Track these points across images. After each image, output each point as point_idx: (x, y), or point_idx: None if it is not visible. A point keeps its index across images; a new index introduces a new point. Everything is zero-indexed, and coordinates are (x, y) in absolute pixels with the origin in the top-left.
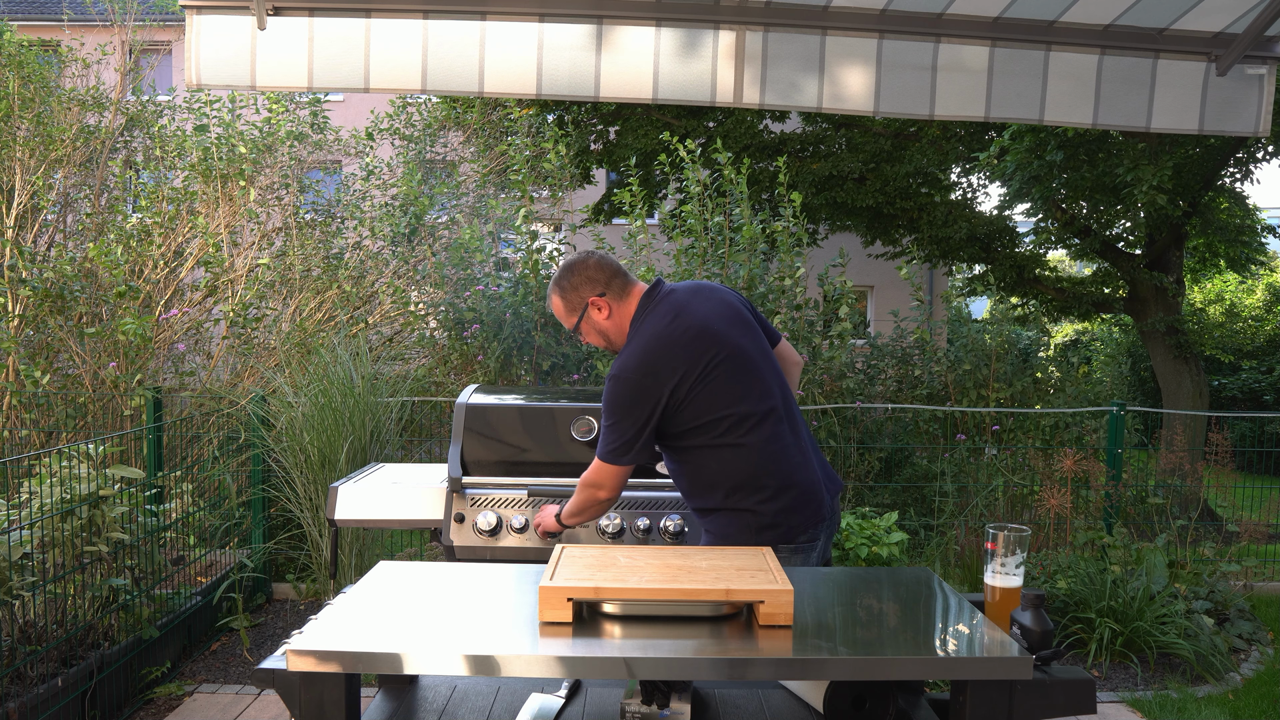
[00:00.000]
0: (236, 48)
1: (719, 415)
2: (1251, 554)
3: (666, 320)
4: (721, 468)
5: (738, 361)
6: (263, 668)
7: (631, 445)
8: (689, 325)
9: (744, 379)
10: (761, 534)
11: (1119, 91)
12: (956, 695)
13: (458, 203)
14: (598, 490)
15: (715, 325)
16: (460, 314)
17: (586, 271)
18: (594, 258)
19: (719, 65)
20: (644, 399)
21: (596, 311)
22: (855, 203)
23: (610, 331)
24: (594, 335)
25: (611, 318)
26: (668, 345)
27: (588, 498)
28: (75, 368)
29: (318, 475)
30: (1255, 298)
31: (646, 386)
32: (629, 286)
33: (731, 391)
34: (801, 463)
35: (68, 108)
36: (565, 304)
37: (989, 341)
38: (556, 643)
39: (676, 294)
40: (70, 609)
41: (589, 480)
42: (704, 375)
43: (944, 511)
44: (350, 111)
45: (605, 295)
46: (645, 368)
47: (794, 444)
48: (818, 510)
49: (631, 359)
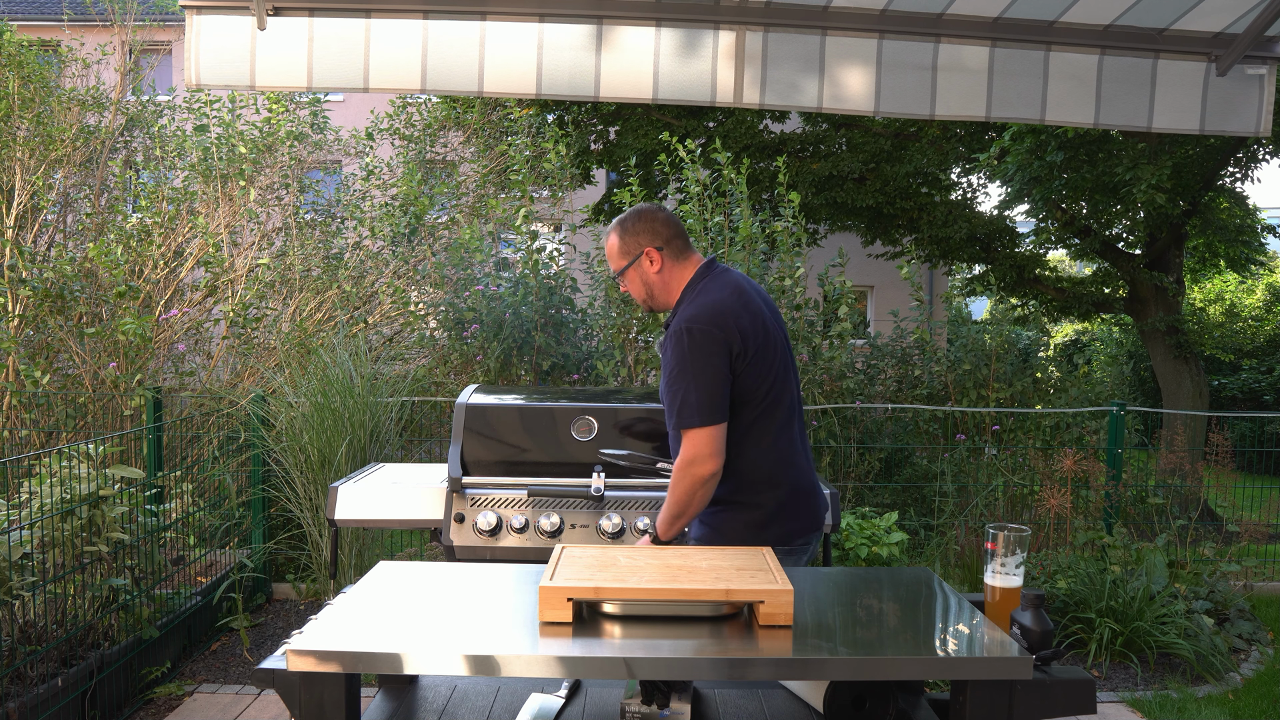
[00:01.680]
0: (236, 48)
1: (757, 399)
2: (1251, 554)
3: (730, 291)
4: (739, 458)
5: (780, 353)
6: (263, 668)
7: (713, 400)
8: (749, 303)
9: (783, 372)
10: (760, 532)
11: (1120, 91)
12: (956, 695)
13: (458, 203)
14: (697, 466)
15: (765, 313)
16: (460, 314)
17: (654, 222)
18: (664, 213)
19: (719, 65)
20: (716, 349)
21: (649, 263)
22: (855, 203)
23: (656, 286)
24: (637, 285)
25: (661, 273)
26: (734, 309)
27: (690, 480)
28: (75, 368)
29: (317, 475)
30: (1255, 298)
31: (717, 337)
32: (687, 252)
33: (772, 379)
34: (807, 467)
35: (68, 108)
36: (622, 245)
37: (989, 342)
38: (556, 643)
39: (732, 275)
40: (70, 609)
41: (685, 460)
42: (757, 354)
43: (944, 511)
44: (350, 111)
45: (663, 250)
46: (716, 320)
47: (802, 447)
48: (818, 515)
49: (702, 311)
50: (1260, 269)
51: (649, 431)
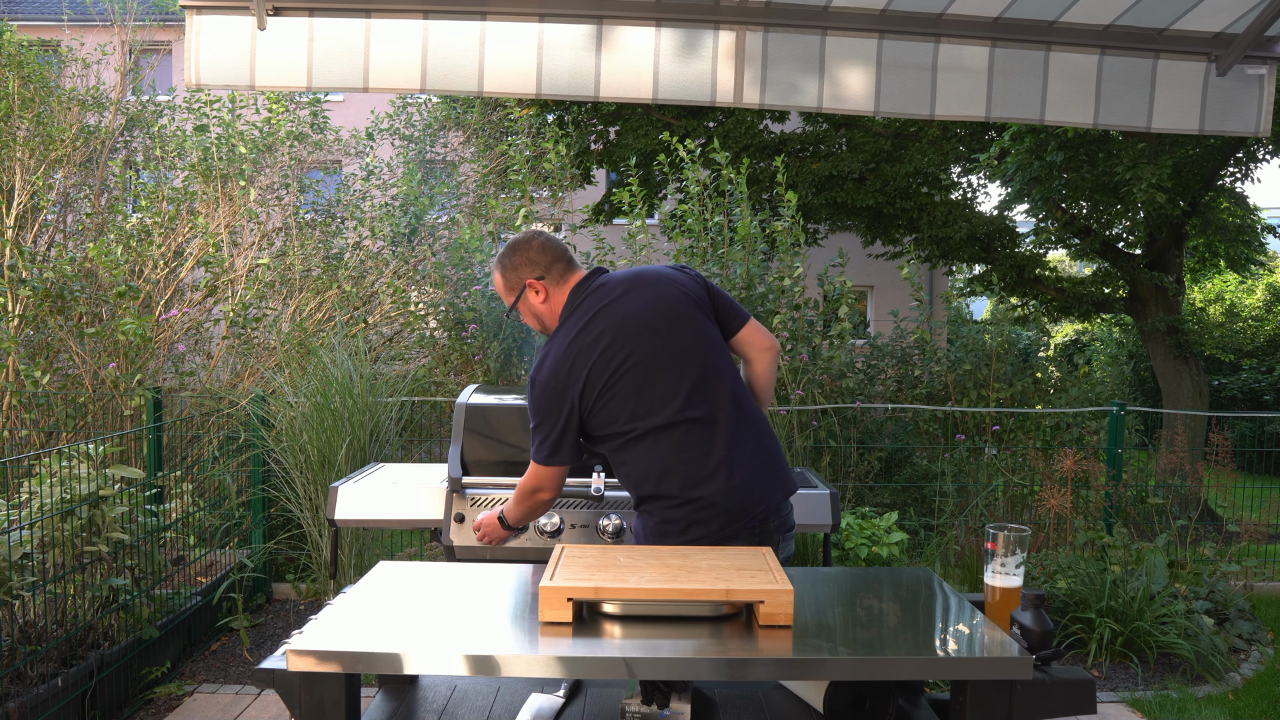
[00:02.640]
0: (236, 48)
1: (621, 426)
2: (1251, 554)
3: (584, 322)
4: (629, 473)
5: (649, 367)
6: (263, 668)
7: (556, 446)
8: (604, 327)
9: (651, 388)
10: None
11: (1119, 91)
12: (956, 695)
13: (458, 203)
14: (538, 493)
15: (630, 328)
16: (460, 314)
17: (529, 253)
18: (539, 239)
19: (719, 65)
20: (556, 402)
21: (533, 294)
22: (855, 203)
23: (544, 316)
24: (529, 317)
25: (547, 302)
26: (575, 353)
27: (530, 502)
28: (75, 368)
29: (317, 475)
30: (1255, 298)
31: (557, 390)
32: (569, 274)
33: (634, 403)
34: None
35: (68, 108)
36: (505, 282)
37: (989, 341)
38: (556, 643)
39: (605, 288)
40: (70, 609)
41: (527, 485)
42: (612, 381)
43: (944, 511)
44: (350, 111)
45: (544, 279)
46: (556, 370)
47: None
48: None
49: (547, 361)
50: (1260, 269)
51: None
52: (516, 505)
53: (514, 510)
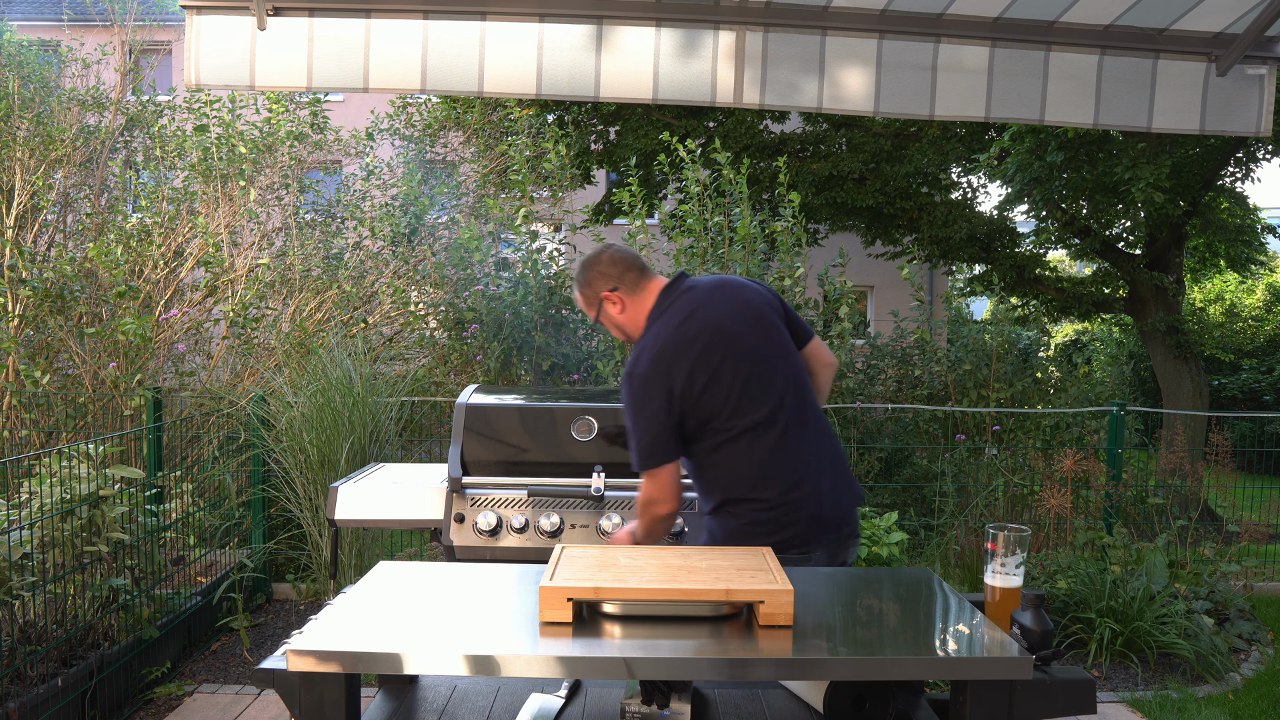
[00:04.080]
0: (236, 48)
1: (720, 423)
2: (1251, 554)
3: (678, 320)
4: (718, 474)
5: (746, 366)
6: (263, 668)
7: (654, 443)
8: (700, 327)
9: (752, 385)
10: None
11: (1119, 91)
12: (956, 695)
13: (458, 203)
14: (653, 506)
15: (728, 327)
16: (460, 314)
17: (599, 266)
18: (608, 252)
19: (719, 65)
20: (657, 395)
21: (611, 306)
22: (855, 203)
23: (626, 325)
24: (613, 328)
25: (625, 312)
26: (675, 346)
27: (649, 518)
28: (75, 368)
29: (318, 475)
30: (1255, 298)
31: (657, 383)
32: (644, 281)
33: (734, 399)
34: (804, 474)
35: (68, 108)
36: (583, 298)
37: (989, 341)
38: (556, 643)
39: (695, 291)
40: (70, 609)
41: (642, 500)
42: (712, 379)
43: (944, 511)
44: (350, 111)
45: (618, 290)
46: (652, 365)
47: (798, 453)
48: (812, 524)
49: (641, 356)
50: (1260, 269)
51: None
52: (640, 528)
53: (639, 533)
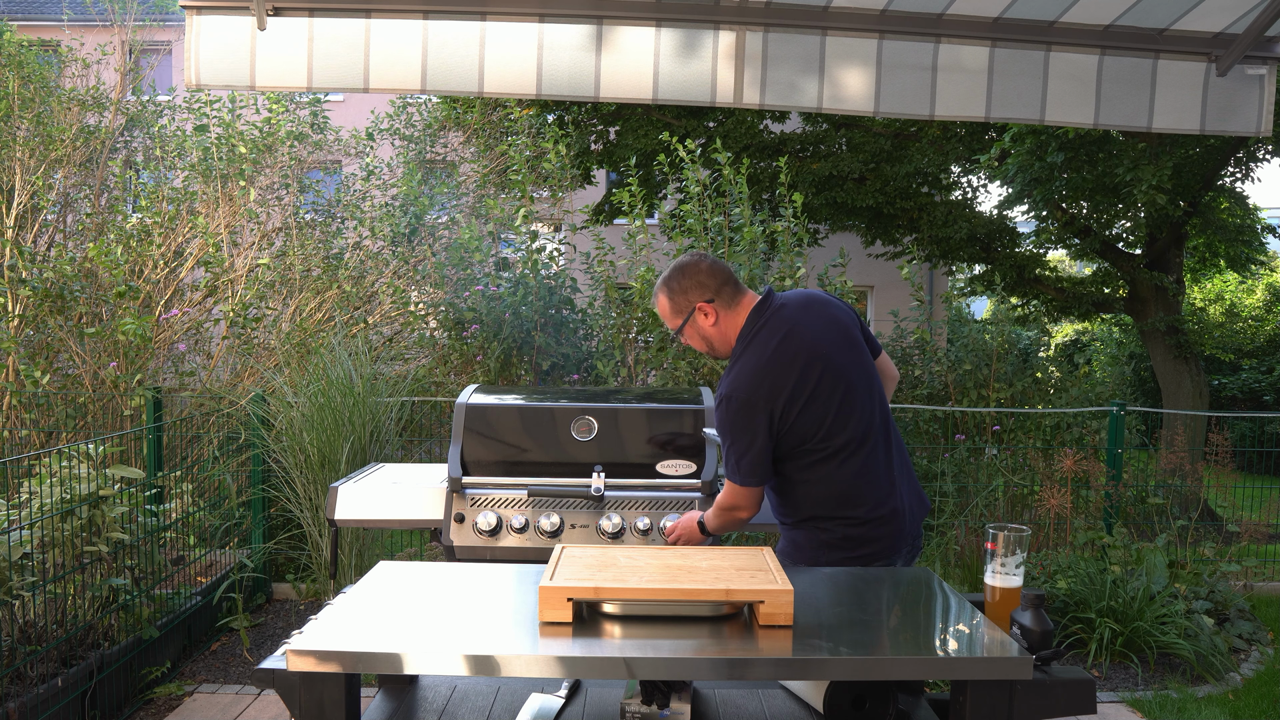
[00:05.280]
0: (236, 48)
1: (814, 444)
2: (1251, 554)
3: (777, 339)
4: (808, 491)
5: (841, 385)
6: (263, 668)
7: (754, 465)
8: (799, 347)
9: (845, 404)
10: (832, 552)
11: (1120, 92)
12: (956, 695)
13: (458, 203)
14: (736, 512)
15: (823, 346)
16: (460, 314)
17: (698, 275)
18: (706, 261)
19: (719, 65)
20: (754, 417)
21: (703, 317)
22: (855, 203)
23: (715, 339)
24: (697, 340)
25: (718, 325)
26: (776, 366)
27: (729, 519)
28: (75, 368)
29: (318, 475)
30: (1255, 298)
31: (756, 405)
32: (739, 295)
33: (830, 420)
34: (890, 490)
35: (68, 108)
36: (672, 305)
37: (989, 341)
38: (556, 643)
39: (787, 309)
40: (70, 609)
41: (726, 503)
42: (810, 398)
43: (944, 511)
44: (350, 111)
45: (714, 302)
46: (754, 386)
47: (885, 469)
48: (896, 538)
49: (741, 378)
50: (1260, 269)
51: (649, 432)
52: (717, 517)
53: (714, 521)
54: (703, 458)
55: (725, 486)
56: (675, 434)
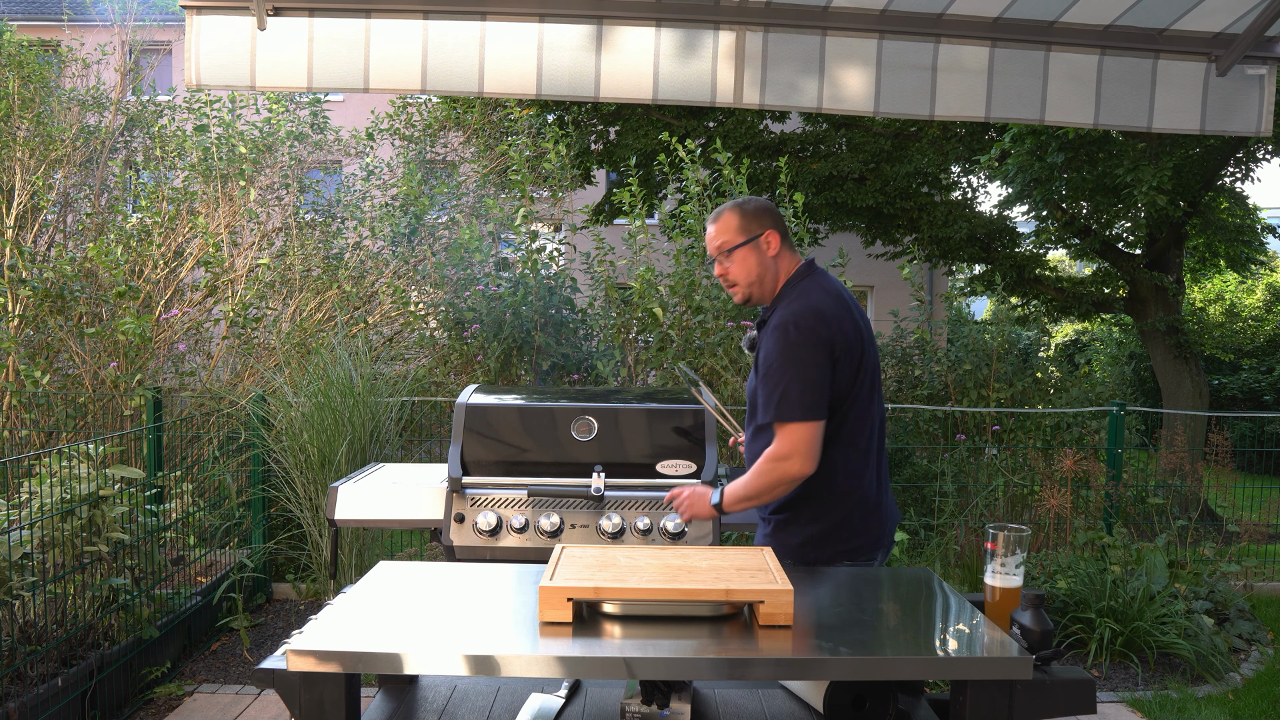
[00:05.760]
0: (236, 48)
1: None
2: (1251, 554)
3: (832, 296)
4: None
5: (869, 369)
6: (263, 668)
7: (817, 396)
8: (850, 311)
9: (869, 387)
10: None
11: (1120, 92)
12: (956, 695)
13: (458, 203)
14: (788, 463)
15: (861, 323)
16: (460, 314)
17: (774, 210)
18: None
19: (719, 66)
20: (817, 347)
21: (767, 245)
22: (855, 203)
23: (764, 273)
24: (748, 267)
25: (776, 258)
26: (838, 314)
27: (777, 475)
28: (75, 368)
29: (318, 475)
30: (1255, 298)
31: (823, 335)
32: (792, 248)
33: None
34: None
35: (68, 108)
36: (741, 222)
37: (989, 341)
38: (556, 643)
39: (834, 280)
40: (70, 609)
41: (777, 453)
42: (849, 363)
43: (944, 511)
44: (350, 111)
45: (782, 238)
46: (817, 318)
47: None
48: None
49: (807, 308)
50: (1260, 269)
51: (650, 432)
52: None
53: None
54: (703, 458)
55: (780, 436)
56: (675, 434)
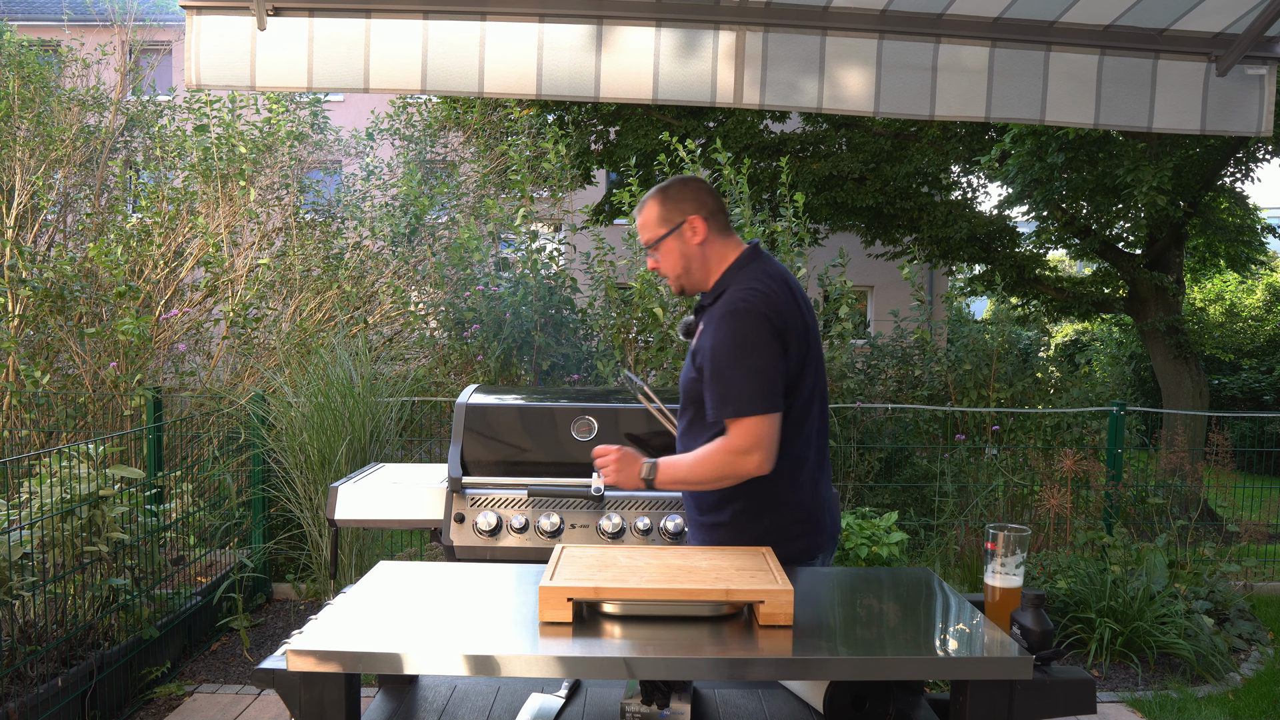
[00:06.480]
0: (236, 48)
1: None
2: (1251, 554)
3: (780, 282)
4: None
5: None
6: (263, 668)
7: (767, 386)
8: (795, 299)
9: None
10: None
11: (1120, 92)
12: (956, 695)
13: (458, 203)
14: (746, 458)
15: (806, 313)
16: (460, 314)
17: (699, 191)
18: (705, 183)
19: (719, 66)
20: (773, 330)
21: (691, 232)
22: (855, 203)
23: (695, 260)
24: (674, 258)
25: (704, 245)
26: (781, 296)
27: (731, 467)
28: (75, 368)
29: (318, 475)
30: (1255, 298)
31: (773, 319)
32: (729, 230)
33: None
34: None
35: (68, 108)
36: (662, 212)
37: (989, 341)
38: (556, 643)
39: (780, 266)
40: (70, 609)
41: (736, 446)
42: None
43: (944, 511)
44: (350, 111)
45: (708, 222)
46: (770, 301)
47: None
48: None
49: (755, 292)
50: (1260, 269)
51: (650, 432)
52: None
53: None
54: None
55: (735, 429)
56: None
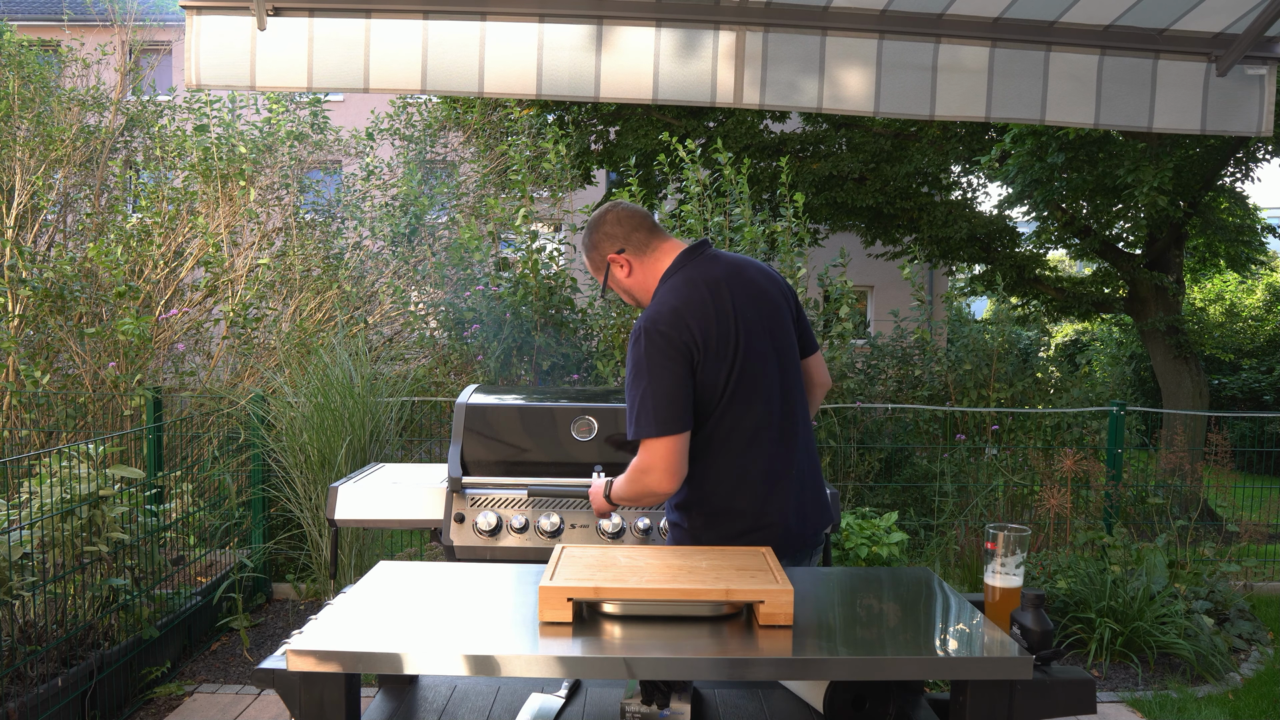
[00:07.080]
0: (236, 48)
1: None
2: (1251, 554)
3: (699, 288)
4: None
5: (748, 361)
6: (263, 668)
7: (674, 406)
8: (720, 302)
9: (745, 384)
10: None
11: (1120, 92)
12: (956, 695)
13: (458, 203)
14: (647, 476)
15: (743, 313)
16: (460, 314)
17: (604, 227)
18: (613, 211)
19: (719, 66)
20: (678, 349)
21: (619, 269)
22: (855, 203)
23: (634, 289)
24: (620, 292)
25: (633, 275)
26: (697, 304)
27: (639, 485)
28: (75, 368)
29: (318, 475)
30: (1255, 298)
31: (679, 337)
32: (654, 241)
33: (730, 392)
34: (781, 490)
35: (68, 108)
36: (591, 260)
37: (989, 341)
38: (556, 643)
39: (719, 264)
40: (70, 609)
41: (640, 465)
42: (715, 355)
43: (944, 511)
44: (350, 111)
45: (625, 252)
46: (674, 323)
47: (778, 466)
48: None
49: (662, 309)
50: (1260, 269)
51: None
52: (628, 484)
53: (624, 489)
54: None
55: (640, 448)
56: None
